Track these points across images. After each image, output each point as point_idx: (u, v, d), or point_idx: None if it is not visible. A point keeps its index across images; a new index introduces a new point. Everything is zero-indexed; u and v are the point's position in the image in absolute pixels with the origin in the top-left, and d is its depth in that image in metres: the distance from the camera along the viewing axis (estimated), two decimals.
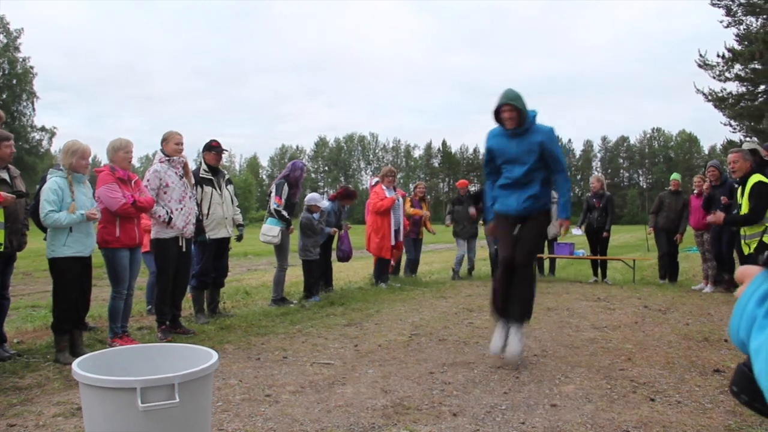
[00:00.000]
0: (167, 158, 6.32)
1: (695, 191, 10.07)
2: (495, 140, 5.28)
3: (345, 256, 9.72)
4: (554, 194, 6.51)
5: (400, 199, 10.23)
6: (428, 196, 12.11)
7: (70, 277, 5.20)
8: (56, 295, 5.28)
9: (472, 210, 11.47)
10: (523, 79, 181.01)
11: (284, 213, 8.10)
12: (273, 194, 8.22)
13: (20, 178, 5.54)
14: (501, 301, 5.20)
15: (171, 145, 6.37)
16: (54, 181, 5.17)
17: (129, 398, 2.37)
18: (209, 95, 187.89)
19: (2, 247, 4.71)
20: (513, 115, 5.00)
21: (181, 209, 6.23)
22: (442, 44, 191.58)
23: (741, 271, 0.90)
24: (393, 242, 9.92)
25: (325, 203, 9.02)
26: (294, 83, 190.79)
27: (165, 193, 6.17)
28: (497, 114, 5.12)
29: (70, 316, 5.24)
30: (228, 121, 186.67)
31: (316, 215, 8.75)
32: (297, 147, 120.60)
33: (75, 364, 2.57)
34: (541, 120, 5.20)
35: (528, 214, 5.18)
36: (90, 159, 5.54)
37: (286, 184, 8.27)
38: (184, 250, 6.33)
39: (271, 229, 8.08)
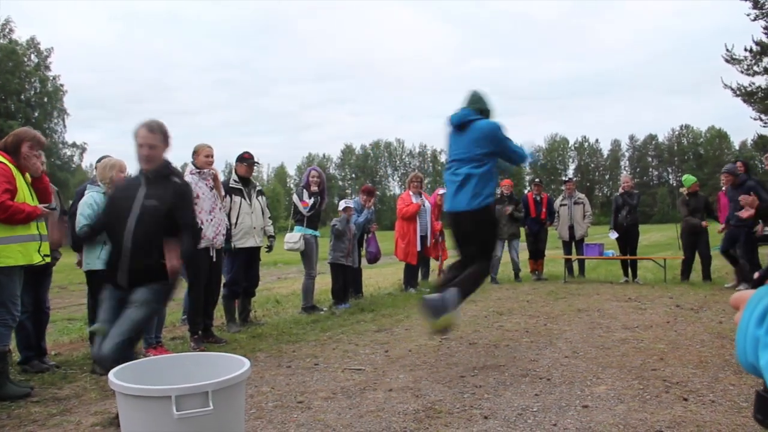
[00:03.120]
0: (198, 170, 6.41)
1: (723, 188, 9.94)
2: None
3: (373, 258, 9.78)
4: None
5: (427, 204, 10.24)
6: None
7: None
8: (92, 307, 5.38)
9: (507, 207, 11.44)
10: (548, 81, 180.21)
11: (310, 202, 8.18)
12: (297, 202, 8.29)
13: (55, 195, 5.67)
14: None
15: (201, 158, 6.47)
16: (90, 196, 5.30)
17: (164, 406, 2.43)
18: (236, 106, 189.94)
19: (49, 258, 4.83)
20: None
21: (212, 220, 6.32)
22: (465, 49, 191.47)
23: (735, 296, 0.93)
24: (419, 248, 9.95)
25: (345, 204, 9.07)
26: (319, 92, 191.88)
27: (195, 204, 6.25)
28: None
29: None
30: (255, 132, 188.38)
31: (335, 220, 8.85)
32: (323, 155, 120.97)
33: (112, 374, 2.63)
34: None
35: None
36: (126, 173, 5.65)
37: (304, 189, 8.36)
38: (214, 260, 6.41)
39: (292, 236, 8.16)
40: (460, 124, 5.13)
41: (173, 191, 3.92)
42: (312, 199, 8.24)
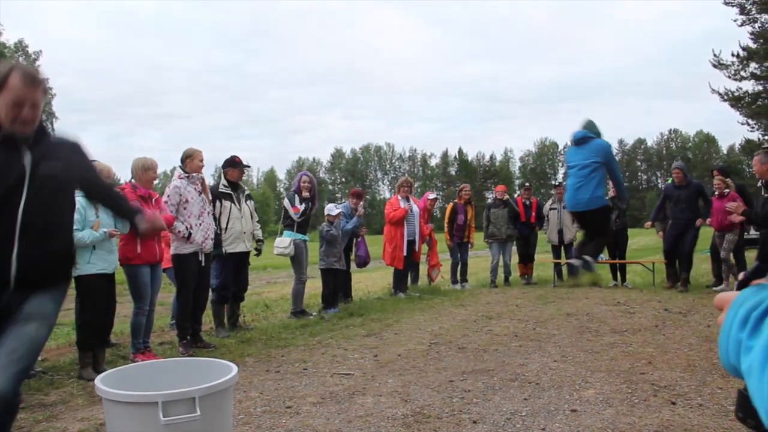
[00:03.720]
0: (186, 175, 6.39)
1: (716, 193, 10.00)
2: None
3: (362, 261, 9.78)
4: None
5: (415, 208, 10.23)
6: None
7: (95, 294, 5.27)
8: (82, 312, 5.36)
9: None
10: (538, 85, 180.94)
11: (301, 207, 8.15)
12: (288, 207, 8.27)
13: None
14: None
15: (196, 162, 6.44)
16: (77, 200, 5.23)
17: (151, 412, 2.41)
18: (225, 111, 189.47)
19: None
20: None
21: (200, 224, 6.30)
22: (455, 54, 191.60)
23: (719, 298, 0.92)
24: (406, 252, 9.93)
25: (336, 210, 8.95)
26: (310, 97, 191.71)
27: (185, 208, 6.25)
28: None
29: (94, 333, 5.31)
30: (244, 136, 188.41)
31: (324, 224, 8.78)
32: (314, 159, 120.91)
33: (98, 380, 2.61)
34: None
35: None
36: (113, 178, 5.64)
37: (296, 194, 8.34)
38: (203, 264, 6.39)
39: (282, 241, 8.13)
40: (580, 140, 6.54)
41: (73, 151, 2.99)
42: (303, 205, 8.22)
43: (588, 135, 6.58)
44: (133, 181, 5.98)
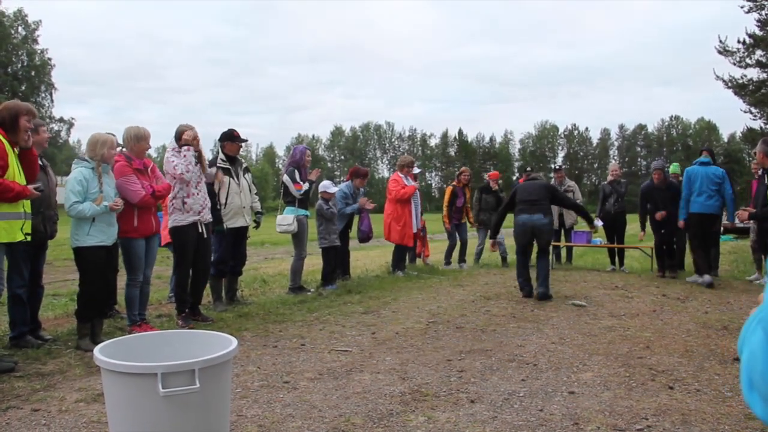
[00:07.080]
0: (179, 150, 6.31)
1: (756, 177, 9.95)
2: None
3: (365, 237, 9.75)
4: None
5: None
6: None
7: (94, 266, 5.24)
8: (81, 283, 5.34)
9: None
10: (539, 68, 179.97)
11: (306, 185, 8.12)
12: (289, 183, 8.19)
13: (50, 167, 5.63)
14: None
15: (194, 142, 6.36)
16: (79, 172, 5.20)
17: (150, 383, 2.40)
18: (226, 86, 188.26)
19: (29, 237, 4.75)
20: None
21: (198, 194, 6.26)
22: (457, 35, 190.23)
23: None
24: (414, 230, 9.95)
25: (334, 188, 8.93)
26: (311, 74, 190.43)
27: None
28: None
29: (94, 304, 5.30)
30: (245, 112, 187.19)
31: (320, 202, 8.72)
32: (313, 136, 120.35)
33: (97, 350, 2.60)
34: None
35: None
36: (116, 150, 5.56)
37: (296, 170, 8.26)
38: (205, 236, 6.33)
39: (285, 218, 8.08)
40: (706, 163, 9.06)
41: None
42: (307, 184, 8.17)
43: (711, 163, 9.10)
44: (125, 150, 5.85)
